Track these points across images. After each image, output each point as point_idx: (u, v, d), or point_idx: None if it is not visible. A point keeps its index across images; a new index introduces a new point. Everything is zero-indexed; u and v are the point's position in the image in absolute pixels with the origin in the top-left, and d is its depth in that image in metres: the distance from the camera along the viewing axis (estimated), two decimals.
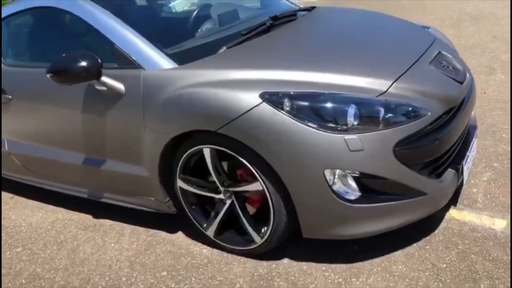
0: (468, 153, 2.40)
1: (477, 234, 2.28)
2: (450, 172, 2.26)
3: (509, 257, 2.10)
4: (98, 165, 2.69)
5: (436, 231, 2.35)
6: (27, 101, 2.88)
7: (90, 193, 2.91)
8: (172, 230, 2.71)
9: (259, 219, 2.30)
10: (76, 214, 3.06)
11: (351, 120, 1.99)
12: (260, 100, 2.04)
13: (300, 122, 1.99)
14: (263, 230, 2.27)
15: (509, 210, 2.41)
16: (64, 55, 2.35)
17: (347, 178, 2.03)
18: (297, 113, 2.01)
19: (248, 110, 2.04)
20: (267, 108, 2.03)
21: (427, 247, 2.25)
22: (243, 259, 2.38)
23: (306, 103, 2.03)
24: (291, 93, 2.05)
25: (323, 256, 2.29)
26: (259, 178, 2.12)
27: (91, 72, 2.33)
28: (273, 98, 2.04)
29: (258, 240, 2.29)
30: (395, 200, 2.08)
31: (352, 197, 2.04)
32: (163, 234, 2.70)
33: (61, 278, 2.44)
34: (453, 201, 2.39)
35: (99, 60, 2.34)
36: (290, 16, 2.99)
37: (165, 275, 2.36)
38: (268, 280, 2.20)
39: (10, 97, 2.93)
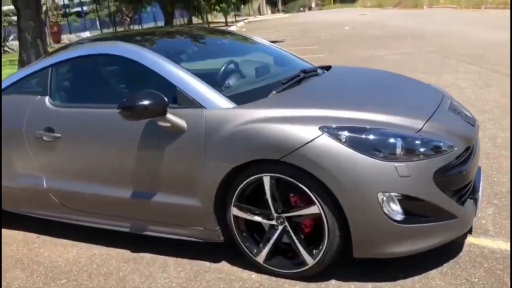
0: (480, 187, 2.80)
1: (497, 255, 2.62)
2: (470, 201, 2.64)
3: None
4: (147, 199, 2.89)
5: (461, 253, 2.67)
6: (79, 139, 3.08)
7: (133, 226, 3.06)
8: (215, 260, 2.89)
9: (309, 243, 2.56)
10: (112, 249, 3.17)
11: (399, 150, 2.36)
12: (320, 133, 2.38)
13: (357, 152, 2.33)
14: (314, 252, 2.52)
15: None
16: (133, 93, 2.64)
17: (394, 201, 2.35)
18: (353, 144, 2.36)
19: (310, 141, 2.37)
20: (327, 139, 2.37)
21: (456, 266, 2.57)
22: (292, 281, 2.59)
23: (360, 136, 2.39)
24: (347, 127, 2.42)
25: (368, 277, 2.54)
26: (316, 202, 2.41)
27: (158, 109, 2.62)
28: (331, 131, 2.39)
29: (310, 261, 2.52)
30: (433, 222, 2.41)
31: (398, 218, 2.36)
32: (207, 263, 2.87)
33: None
34: (469, 230, 2.76)
35: (166, 99, 2.64)
36: (315, 71, 3.43)
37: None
38: None
39: (59, 135, 3.11)
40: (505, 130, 4.68)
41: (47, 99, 3.24)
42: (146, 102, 2.60)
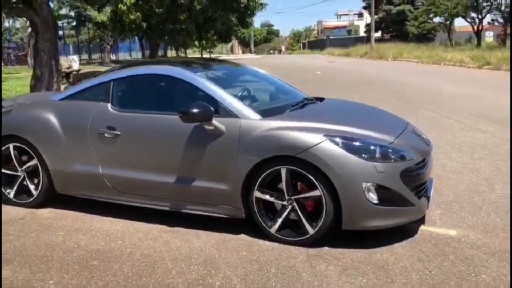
0: (431, 191, 3.91)
1: (441, 237, 3.68)
2: (424, 198, 3.72)
3: (463, 248, 3.51)
4: (187, 183, 3.85)
5: (416, 235, 3.72)
6: (135, 137, 4.03)
7: (172, 205, 4.00)
8: (236, 232, 3.83)
9: (310, 218, 3.56)
10: (150, 225, 4.05)
11: (377, 154, 3.44)
12: (324, 138, 3.45)
13: (349, 153, 3.40)
14: (314, 225, 3.52)
15: (454, 226, 3.88)
16: (191, 104, 3.65)
17: (372, 190, 3.40)
18: (346, 148, 3.42)
19: (317, 144, 3.43)
20: (329, 143, 3.43)
21: (413, 242, 3.61)
22: (296, 247, 3.56)
23: (351, 143, 3.46)
24: (342, 136, 3.49)
25: (349, 245, 3.55)
26: (319, 187, 3.44)
27: (207, 116, 3.64)
28: (331, 138, 3.46)
29: (311, 231, 3.52)
30: (398, 206, 3.48)
31: (375, 202, 3.41)
32: (230, 235, 3.81)
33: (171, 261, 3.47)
34: (422, 221, 3.84)
35: (212, 109, 3.66)
36: (314, 100, 4.53)
37: (245, 255, 3.48)
38: (318, 256, 3.41)
39: (119, 133, 4.05)
40: (453, 160, 5.88)
41: (109, 105, 4.20)
42: (199, 110, 3.62)
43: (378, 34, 53.94)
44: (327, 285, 3.05)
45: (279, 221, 3.63)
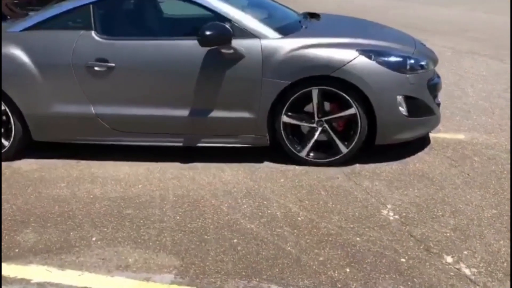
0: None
1: (449, 141, 3.88)
2: (437, 106, 3.82)
3: (480, 149, 3.73)
4: (204, 115, 3.55)
5: (431, 142, 3.87)
6: (133, 68, 3.53)
7: (186, 140, 3.67)
8: (259, 161, 3.67)
9: (341, 138, 3.50)
10: (161, 163, 3.71)
11: (408, 66, 3.41)
12: (357, 54, 3.31)
13: (384, 67, 3.32)
14: (346, 143, 3.47)
15: (458, 131, 4.10)
16: (205, 25, 3.25)
17: (403, 101, 3.40)
18: (380, 61, 3.34)
19: (352, 60, 3.29)
20: (363, 59, 3.31)
21: (432, 147, 3.75)
22: (327, 167, 3.52)
23: (383, 56, 3.37)
24: (373, 50, 3.38)
25: (378, 159, 3.58)
26: (353, 105, 3.35)
27: (226, 38, 3.29)
28: (364, 53, 3.33)
29: (344, 150, 3.47)
30: (425, 116, 3.53)
31: (406, 114, 3.43)
32: (254, 164, 3.64)
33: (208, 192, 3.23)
34: None
35: (231, 29, 3.31)
36: (315, 16, 4.27)
37: (284, 182, 3.36)
38: (356, 174, 3.41)
39: (113, 64, 3.53)
40: None
41: (93, 33, 3.59)
42: (216, 31, 3.26)
43: None
44: (385, 200, 3.07)
45: (310, 144, 3.52)
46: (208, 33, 3.25)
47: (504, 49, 6.96)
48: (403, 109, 3.40)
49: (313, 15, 4.27)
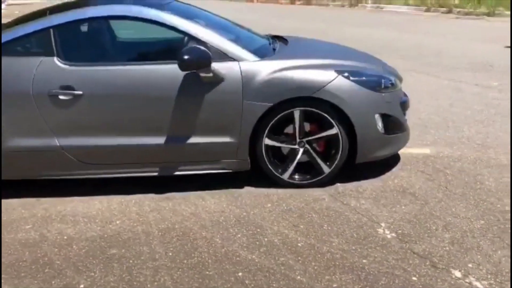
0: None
1: (420, 155, 4.00)
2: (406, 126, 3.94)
3: (449, 162, 3.88)
4: (182, 142, 3.38)
5: (402, 158, 3.97)
6: (104, 95, 3.29)
7: (162, 169, 3.47)
8: (239, 187, 3.55)
9: (323, 158, 3.48)
10: (134, 196, 3.47)
11: (383, 85, 3.48)
12: (336, 74, 3.34)
13: (362, 86, 3.37)
14: (328, 163, 3.46)
15: (422, 145, 4.25)
16: (184, 49, 3.12)
17: (380, 119, 3.46)
18: (357, 82, 3.38)
19: (332, 80, 3.31)
20: (342, 79, 3.34)
21: (402, 163, 3.85)
22: (310, 189, 3.48)
23: (359, 76, 3.42)
24: (350, 71, 3.41)
25: (356, 178, 3.60)
26: (335, 125, 3.35)
27: (206, 61, 3.17)
28: (342, 73, 3.36)
29: (327, 170, 3.46)
30: (399, 133, 3.62)
31: (383, 131, 3.49)
32: (235, 190, 3.51)
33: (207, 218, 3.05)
34: None
35: (210, 53, 3.20)
36: (281, 38, 4.24)
37: (271, 206, 3.27)
38: (341, 194, 3.40)
39: (81, 92, 3.26)
40: None
41: (55, 59, 3.31)
42: (196, 55, 3.13)
43: None
44: (377, 218, 3.08)
45: (292, 166, 3.47)
46: (187, 57, 3.11)
47: (434, 66, 7.42)
48: (380, 127, 3.46)
49: (279, 38, 4.26)
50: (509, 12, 13.49)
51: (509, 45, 8.81)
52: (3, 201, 3.46)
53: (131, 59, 3.42)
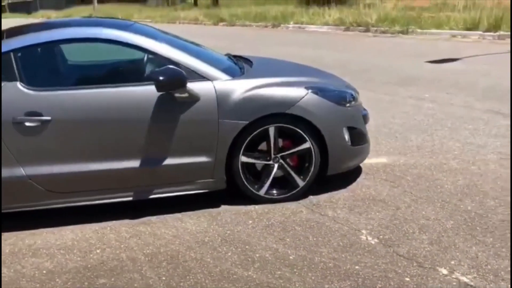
0: None
1: (379, 165, 4.23)
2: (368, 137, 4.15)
3: (407, 169, 4.13)
4: (158, 164, 3.33)
5: (363, 168, 4.18)
6: (73, 120, 3.16)
7: (136, 194, 3.38)
8: (215, 207, 3.54)
9: (296, 172, 3.58)
10: (110, 222, 3.35)
11: (347, 100, 3.67)
12: (307, 91, 3.47)
13: (330, 101, 3.53)
14: (302, 177, 3.56)
15: (376, 155, 4.49)
16: (158, 70, 3.11)
17: (346, 132, 3.64)
18: (326, 97, 3.53)
19: (304, 96, 3.44)
20: (312, 95, 3.48)
21: (364, 172, 4.05)
22: (286, 203, 3.55)
23: (326, 92, 3.58)
24: (318, 87, 3.56)
25: (326, 190, 3.74)
26: (308, 139, 3.47)
27: (182, 81, 3.17)
28: (311, 90, 3.50)
29: (301, 183, 3.56)
30: (363, 144, 3.82)
31: (350, 143, 3.66)
32: (212, 210, 3.50)
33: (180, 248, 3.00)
34: None
35: (185, 73, 3.20)
36: (244, 57, 4.30)
37: (253, 223, 3.30)
38: (316, 205, 3.51)
39: (49, 118, 3.11)
40: None
41: (18, 84, 3.14)
42: (173, 75, 3.12)
43: None
44: (356, 226, 3.21)
45: (268, 181, 3.53)
46: (162, 77, 3.09)
47: (368, 82, 7.87)
48: (347, 139, 3.63)
49: (240, 58, 4.32)
50: (421, 30, 14.66)
51: (428, 60, 9.59)
52: None
53: (102, 81, 3.31)
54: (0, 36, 3.31)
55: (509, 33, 12.20)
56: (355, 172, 4.04)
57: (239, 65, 3.90)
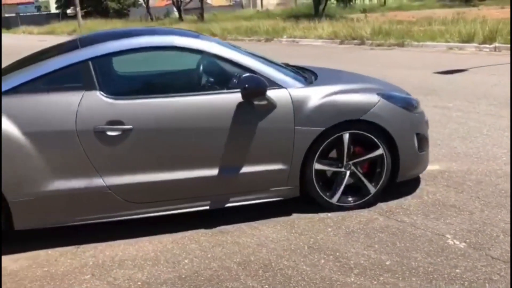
0: None
1: (436, 172, 4.26)
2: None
3: (463, 176, 4.17)
4: (235, 172, 3.29)
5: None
6: (155, 129, 3.11)
7: (213, 202, 3.33)
8: (285, 214, 3.51)
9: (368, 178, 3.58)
10: (183, 234, 3.29)
11: (415, 106, 3.70)
12: (379, 97, 3.49)
13: (401, 108, 3.55)
14: (373, 183, 3.56)
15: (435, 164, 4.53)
16: (242, 78, 3.10)
17: (416, 138, 3.65)
18: (397, 104, 3.56)
19: (377, 102, 3.45)
20: (384, 101, 3.50)
21: (421, 180, 4.08)
22: (361, 210, 3.54)
23: (397, 99, 3.61)
24: (388, 94, 3.59)
25: (394, 196, 3.75)
26: (380, 146, 3.48)
27: (263, 89, 3.16)
28: (384, 96, 3.52)
29: (373, 190, 3.56)
30: (427, 149, 3.84)
31: (417, 149, 3.69)
32: (284, 218, 3.47)
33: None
34: None
35: (266, 81, 3.20)
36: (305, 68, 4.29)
37: (332, 231, 3.27)
38: (389, 212, 3.51)
39: (131, 127, 3.05)
40: None
41: (98, 93, 3.07)
42: (256, 84, 3.12)
43: (70, 10, 51.60)
44: (438, 231, 3.21)
45: (340, 189, 3.52)
46: (247, 85, 3.09)
47: None
48: (416, 146, 3.65)
49: (297, 67, 4.31)
50: (417, 43, 14.96)
51: (435, 71, 9.78)
52: (36, 252, 3.10)
53: (181, 90, 3.27)
54: None
55: (505, 44, 12.56)
56: (415, 179, 4.06)
57: (301, 74, 3.90)
